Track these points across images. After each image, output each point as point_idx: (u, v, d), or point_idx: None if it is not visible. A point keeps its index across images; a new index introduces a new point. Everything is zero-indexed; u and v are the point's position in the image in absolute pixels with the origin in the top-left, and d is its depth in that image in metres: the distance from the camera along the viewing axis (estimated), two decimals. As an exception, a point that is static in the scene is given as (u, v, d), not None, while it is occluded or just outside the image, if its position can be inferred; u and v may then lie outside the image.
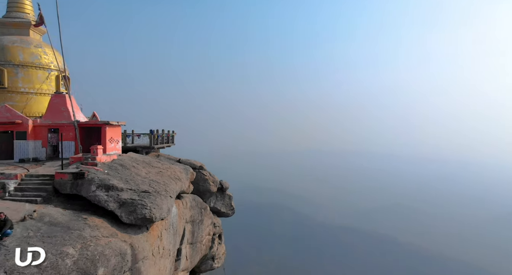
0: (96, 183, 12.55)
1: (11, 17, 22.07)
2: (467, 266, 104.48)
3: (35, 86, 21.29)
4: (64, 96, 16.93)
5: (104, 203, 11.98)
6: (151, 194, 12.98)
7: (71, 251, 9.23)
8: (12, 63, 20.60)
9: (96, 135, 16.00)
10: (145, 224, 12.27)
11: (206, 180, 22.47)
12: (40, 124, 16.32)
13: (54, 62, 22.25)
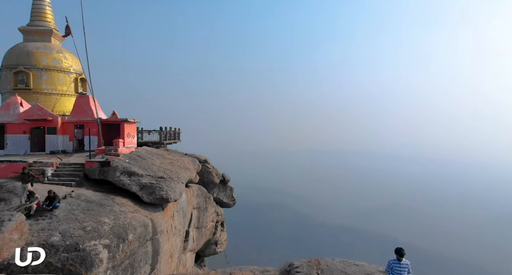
0: (120, 170, 14.90)
1: (35, 25, 24.45)
2: (467, 266, 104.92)
3: (56, 87, 23.66)
4: (87, 97, 19.25)
5: (128, 186, 14.33)
6: (166, 179, 15.34)
7: (107, 220, 11.57)
8: (37, 67, 22.99)
9: (115, 131, 18.32)
10: (162, 204, 14.62)
11: (210, 172, 24.82)
12: (68, 121, 18.65)
13: (73, 66, 24.66)
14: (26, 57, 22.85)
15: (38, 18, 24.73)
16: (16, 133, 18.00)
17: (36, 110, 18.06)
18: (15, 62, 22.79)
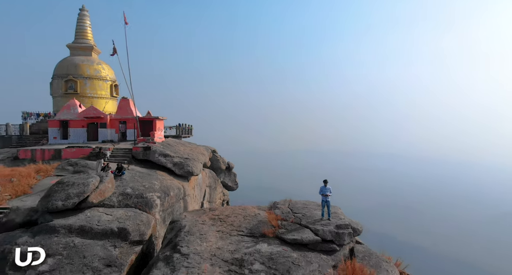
0: (158, 152, 20.70)
1: (79, 42, 30.25)
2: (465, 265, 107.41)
3: (97, 92, 29.47)
4: (128, 100, 24.93)
5: (164, 163, 20.15)
6: (190, 160, 21.15)
7: (156, 183, 17.38)
8: (82, 76, 28.79)
9: (149, 126, 24.07)
10: (188, 176, 20.42)
11: (218, 160, 30.59)
12: (114, 118, 24.38)
13: (109, 74, 30.46)
14: (74, 69, 28.66)
15: (81, 36, 30.54)
16: (76, 127, 23.76)
17: (91, 110, 23.83)
18: (65, 72, 28.60)
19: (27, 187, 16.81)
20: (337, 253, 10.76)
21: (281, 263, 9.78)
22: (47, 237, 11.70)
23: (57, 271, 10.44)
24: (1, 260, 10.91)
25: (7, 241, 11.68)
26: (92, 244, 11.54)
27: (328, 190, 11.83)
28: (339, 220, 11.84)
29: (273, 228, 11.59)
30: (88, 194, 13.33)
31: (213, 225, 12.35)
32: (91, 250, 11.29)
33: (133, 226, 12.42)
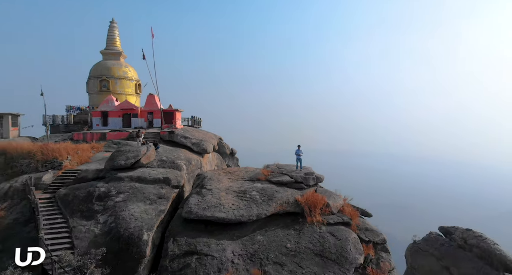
0: (180, 135, 26.65)
1: (110, 49, 36.19)
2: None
3: (125, 90, 35.40)
4: (154, 96, 30.77)
5: (185, 143, 26.09)
6: (204, 141, 27.10)
7: (182, 155, 23.35)
8: (114, 77, 34.73)
9: (170, 116, 30.00)
10: (202, 153, 26.37)
11: (223, 146, 36.51)
12: (143, 110, 30.30)
13: (134, 75, 36.40)
14: (107, 71, 34.62)
15: (111, 43, 36.49)
16: (114, 116, 29.68)
17: (126, 104, 29.81)
18: (99, 74, 34.55)
19: (87, 157, 22.75)
20: (304, 190, 16.75)
21: (268, 191, 15.81)
22: (116, 183, 17.66)
23: (128, 201, 16.38)
24: (89, 196, 16.87)
25: (90, 186, 17.65)
26: (147, 186, 17.51)
27: (300, 151, 17.84)
28: (307, 171, 17.87)
29: (265, 176, 17.59)
30: (140, 157, 19.31)
31: (225, 176, 18.37)
32: (147, 189, 17.26)
33: (172, 177, 18.39)
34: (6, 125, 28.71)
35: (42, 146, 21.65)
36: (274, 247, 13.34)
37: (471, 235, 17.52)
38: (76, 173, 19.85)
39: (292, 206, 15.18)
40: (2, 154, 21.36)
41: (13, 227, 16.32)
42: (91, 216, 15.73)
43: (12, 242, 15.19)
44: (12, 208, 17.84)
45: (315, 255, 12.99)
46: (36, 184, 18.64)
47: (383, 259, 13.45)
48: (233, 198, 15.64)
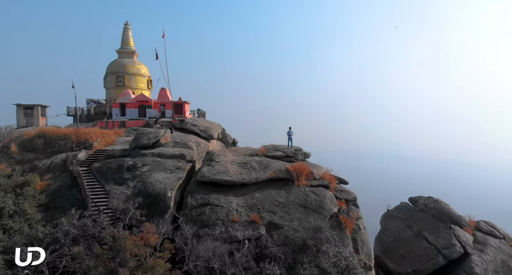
0: (189, 123, 30.43)
1: (124, 48, 39.90)
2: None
3: (138, 85, 39.14)
4: (165, 90, 34.46)
5: (194, 130, 29.86)
6: (210, 128, 30.88)
7: (192, 138, 27.12)
8: (128, 73, 38.46)
9: (179, 107, 33.77)
10: (209, 139, 30.14)
11: (226, 135, 40.24)
12: (157, 102, 34.03)
13: (146, 72, 40.15)
14: (123, 68, 38.36)
15: (126, 43, 40.21)
16: (131, 108, 33.44)
17: (142, 96, 33.60)
18: (116, 70, 38.27)
19: (111, 140, 26.49)
20: (294, 162, 20.54)
21: (264, 162, 19.63)
22: (141, 158, 21.45)
23: (152, 171, 20.14)
24: (119, 167, 20.61)
25: (119, 160, 21.39)
26: (167, 160, 21.29)
27: (291, 132, 21.65)
28: (296, 148, 21.70)
29: (262, 152, 21.40)
30: (159, 138, 23.09)
31: (230, 153, 22.19)
32: (167, 162, 21.04)
33: (186, 153, 22.17)
34: (37, 115, 32.48)
35: (75, 130, 25.42)
36: (269, 201, 17.15)
37: (430, 200, 21.45)
38: (105, 152, 23.61)
39: (283, 173, 18.98)
40: (42, 136, 25.12)
41: (60, 191, 20.11)
42: (122, 182, 19.51)
43: (61, 202, 19.02)
44: (55, 178, 21.61)
45: (300, 206, 16.80)
46: (73, 160, 22.44)
47: (352, 210, 17.24)
48: (236, 167, 19.47)
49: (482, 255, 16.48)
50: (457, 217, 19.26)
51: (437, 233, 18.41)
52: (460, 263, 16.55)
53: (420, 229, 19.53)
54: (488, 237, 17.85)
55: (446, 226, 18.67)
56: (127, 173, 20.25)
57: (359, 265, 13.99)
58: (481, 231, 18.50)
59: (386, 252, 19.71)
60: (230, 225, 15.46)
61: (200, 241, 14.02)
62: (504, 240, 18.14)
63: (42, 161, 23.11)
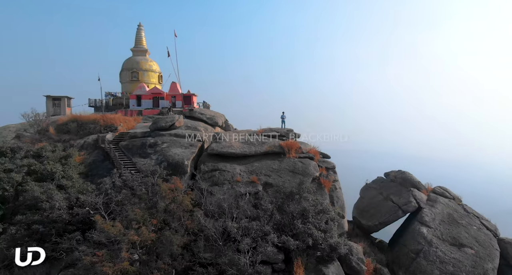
0: (197, 112, 34.60)
1: (138, 47, 43.99)
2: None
3: (150, 80, 43.26)
4: (176, 83, 38.57)
5: (201, 117, 34.03)
6: (215, 116, 35.06)
7: (201, 124, 31.28)
8: (142, 69, 42.58)
9: (188, 99, 37.91)
10: (215, 125, 34.31)
11: (229, 125, 44.32)
12: (168, 94, 38.15)
13: (157, 68, 44.28)
14: (137, 64, 42.49)
15: (139, 43, 44.30)
16: (146, 99, 37.59)
17: (155, 89, 37.76)
18: (130, 67, 42.39)
19: (132, 125, 30.64)
20: (286, 140, 24.73)
21: (262, 140, 23.84)
22: (160, 137, 25.63)
23: (170, 147, 24.31)
24: (142, 145, 24.80)
25: (142, 139, 25.58)
26: (182, 139, 25.48)
27: (284, 116, 25.86)
28: (289, 129, 25.93)
29: (260, 132, 25.61)
30: (174, 122, 27.27)
31: (233, 133, 26.39)
32: (181, 141, 25.24)
33: (197, 134, 26.35)
34: (63, 105, 36.63)
35: (102, 116, 29.61)
36: (265, 168, 21.37)
37: (399, 172, 25.74)
38: (128, 133, 27.82)
39: (277, 148, 23.18)
40: (75, 121, 29.30)
41: (95, 163, 24.35)
42: (146, 156, 23.72)
43: (97, 171, 23.27)
44: (89, 154, 25.82)
45: (289, 171, 21.02)
46: (104, 139, 26.63)
47: (331, 175, 21.46)
48: (239, 143, 23.70)
49: (432, 209, 20.70)
50: (417, 182, 23.53)
51: (399, 195, 22.65)
52: (415, 215, 20.77)
53: (388, 194, 23.76)
54: (439, 197, 22.06)
55: (408, 189, 22.93)
56: (150, 149, 24.47)
57: (334, 212, 18.23)
58: (435, 192, 22.73)
59: (360, 214, 23.93)
60: (235, 184, 19.71)
61: (212, 194, 18.26)
62: (453, 200, 22.36)
63: (76, 141, 27.29)
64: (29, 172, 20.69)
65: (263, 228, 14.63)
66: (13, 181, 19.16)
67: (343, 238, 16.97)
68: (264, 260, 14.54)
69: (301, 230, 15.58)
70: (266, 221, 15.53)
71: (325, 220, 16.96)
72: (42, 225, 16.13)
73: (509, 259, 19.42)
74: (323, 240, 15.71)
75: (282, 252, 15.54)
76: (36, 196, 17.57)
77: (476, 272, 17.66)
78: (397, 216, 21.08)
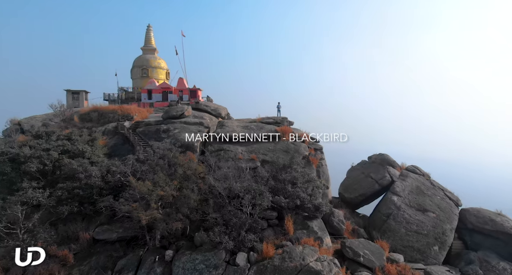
0: (203, 104, 38.07)
1: (147, 46, 47.40)
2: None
3: (159, 76, 46.69)
4: (183, 79, 41.98)
5: (207, 109, 37.46)
6: (219, 108, 38.51)
7: (206, 114, 34.78)
8: (151, 66, 46.01)
9: (194, 93, 41.39)
10: (218, 116, 37.73)
11: (230, 118, 47.88)
12: (176, 89, 41.60)
13: (165, 66, 47.73)
14: (146, 62, 45.92)
15: (148, 42, 47.71)
16: (156, 93, 41.04)
17: (165, 84, 41.23)
18: (141, 64, 45.82)
19: (145, 115, 34.09)
20: (281, 126, 28.24)
21: (260, 126, 27.37)
22: (172, 124, 29.11)
23: (181, 132, 27.76)
24: (157, 130, 28.30)
25: (156, 126, 29.07)
26: (191, 126, 28.97)
27: (280, 105, 29.39)
28: (283, 117, 29.45)
29: (258, 120, 29.11)
30: (184, 112, 30.74)
31: (235, 121, 29.90)
32: (190, 127, 28.73)
33: (204, 122, 29.82)
34: (82, 98, 40.08)
35: (120, 107, 33.09)
36: (262, 148, 24.89)
37: (379, 154, 29.24)
38: (143, 122, 31.29)
39: (273, 133, 26.69)
40: (96, 111, 32.79)
41: (116, 146, 27.83)
42: (160, 139, 27.20)
43: (119, 152, 26.75)
44: (110, 139, 29.28)
45: (283, 151, 24.54)
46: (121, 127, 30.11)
47: (318, 154, 25.00)
48: (241, 129, 27.21)
49: (403, 182, 24.25)
50: (392, 161, 27.09)
51: (377, 172, 26.19)
52: (388, 187, 24.36)
53: (369, 172, 27.28)
54: (410, 173, 25.60)
55: (384, 167, 26.47)
56: (163, 133, 27.98)
57: (319, 182, 21.77)
58: (408, 170, 26.27)
59: (345, 189, 27.45)
60: (237, 160, 23.22)
61: (219, 168, 21.77)
62: (423, 176, 25.91)
63: (98, 128, 30.75)
64: (63, 152, 24.16)
65: (261, 188, 18.14)
66: (51, 157, 22.63)
67: (326, 201, 20.52)
68: (261, 217, 18.09)
69: (291, 193, 19.12)
70: (263, 186, 19.05)
71: (311, 187, 20.50)
72: (81, 190, 19.66)
73: (466, 223, 22.98)
74: (308, 201, 19.25)
75: (276, 212, 19.10)
76: (74, 168, 21.06)
77: (436, 231, 21.24)
78: (374, 188, 24.64)
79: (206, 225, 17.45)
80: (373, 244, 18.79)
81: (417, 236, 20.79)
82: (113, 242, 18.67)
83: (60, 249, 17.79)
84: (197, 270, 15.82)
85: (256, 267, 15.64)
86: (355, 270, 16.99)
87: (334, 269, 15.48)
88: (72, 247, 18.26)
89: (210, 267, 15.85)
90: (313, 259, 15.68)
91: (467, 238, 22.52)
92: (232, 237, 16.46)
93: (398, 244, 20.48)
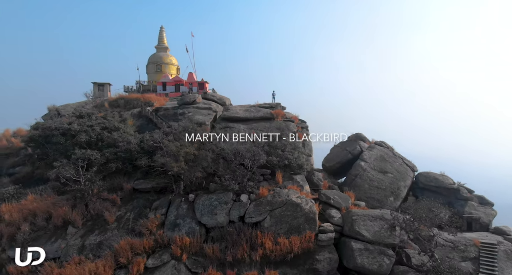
0: (210, 95, 43.64)
1: (160, 45, 52.96)
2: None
3: (170, 71, 52.31)
4: (192, 73, 47.53)
5: (213, 98, 43.05)
6: (223, 98, 44.17)
7: (213, 103, 40.57)
8: (164, 63, 51.62)
9: (202, 85, 47.06)
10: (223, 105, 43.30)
11: (233, 108, 53.59)
12: (186, 82, 47.23)
13: (176, 62, 53.37)
14: (160, 59, 51.55)
15: (161, 41, 53.27)
16: (170, 85, 46.66)
17: (177, 78, 46.90)
18: (155, 61, 51.43)
19: (163, 103, 39.77)
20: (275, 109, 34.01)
21: (258, 109, 33.17)
22: (186, 109, 34.83)
23: (194, 114, 33.52)
24: (174, 114, 34.07)
25: (173, 110, 34.85)
26: (202, 110, 34.69)
27: (274, 93, 35.20)
28: (277, 102, 35.25)
29: (257, 105, 34.87)
30: (196, 99, 36.46)
31: (238, 106, 35.67)
32: (202, 111, 34.45)
33: (212, 106, 35.56)
34: (106, 90, 45.73)
35: (142, 95, 38.84)
36: (260, 127, 30.67)
37: (357, 134, 34.94)
38: (162, 107, 36.98)
39: (268, 114, 32.41)
40: (123, 98, 38.54)
41: (142, 126, 33.56)
42: (178, 120, 32.89)
43: (145, 130, 32.50)
44: (136, 121, 35.02)
45: (276, 129, 30.31)
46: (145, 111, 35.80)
47: (304, 131, 30.82)
48: (242, 111, 32.99)
49: (370, 152, 30.10)
50: (364, 137, 32.94)
51: (352, 146, 32.06)
52: (358, 156, 30.24)
53: (345, 147, 33.12)
54: (377, 146, 31.48)
55: (357, 142, 32.32)
56: (180, 116, 33.68)
57: (304, 150, 27.57)
58: (376, 143, 32.15)
59: (326, 161, 33.28)
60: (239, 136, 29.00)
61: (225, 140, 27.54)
62: (388, 148, 31.77)
63: (125, 112, 36.50)
64: (102, 128, 29.89)
65: (258, 149, 23.96)
66: (95, 131, 28.36)
67: (308, 163, 26.35)
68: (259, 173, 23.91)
69: (281, 155, 24.96)
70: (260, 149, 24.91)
71: (297, 152, 26.33)
72: (123, 153, 25.44)
73: (418, 183, 28.86)
74: (294, 162, 25.09)
75: (269, 170, 24.93)
76: (115, 138, 26.82)
77: (392, 186, 27.14)
78: (347, 157, 30.58)
79: (219, 175, 23.27)
80: (342, 193, 24.68)
81: (377, 190, 26.68)
82: (147, 191, 24.51)
83: (110, 194, 23.65)
84: (213, 205, 21.67)
85: (255, 202, 21.52)
86: (326, 209, 22.87)
87: (310, 203, 21.35)
88: (119, 193, 24.10)
89: (222, 203, 21.70)
90: (295, 196, 21.56)
91: (419, 194, 28.40)
92: (237, 183, 22.30)
93: (362, 195, 26.35)
